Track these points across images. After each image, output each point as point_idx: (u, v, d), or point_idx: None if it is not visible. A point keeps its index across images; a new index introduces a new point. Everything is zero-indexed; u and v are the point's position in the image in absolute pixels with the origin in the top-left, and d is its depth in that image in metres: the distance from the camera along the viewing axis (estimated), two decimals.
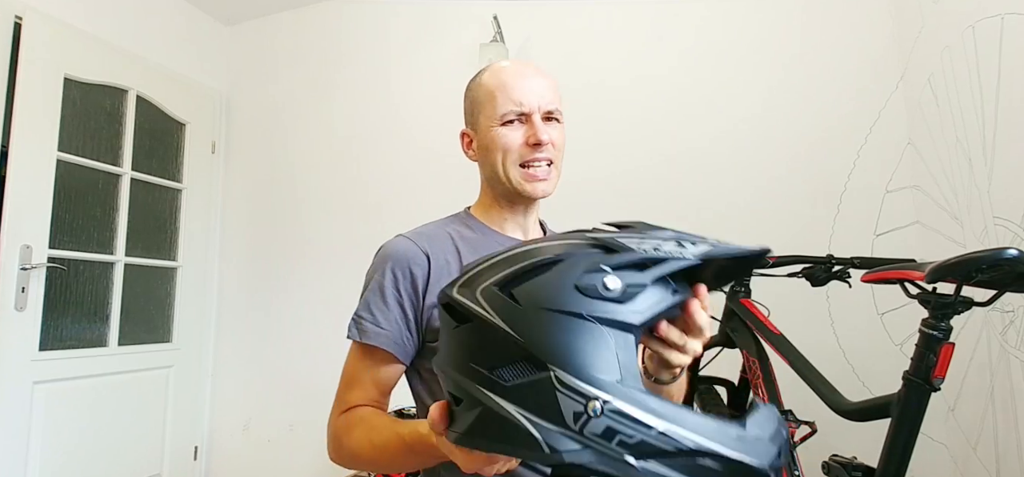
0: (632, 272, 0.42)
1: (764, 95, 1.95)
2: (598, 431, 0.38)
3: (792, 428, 1.19)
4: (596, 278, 0.42)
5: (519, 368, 0.40)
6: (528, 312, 0.41)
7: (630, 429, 0.38)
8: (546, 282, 0.42)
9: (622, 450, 0.37)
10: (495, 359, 0.42)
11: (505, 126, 0.86)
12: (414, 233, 0.87)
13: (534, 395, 0.39)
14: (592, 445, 0.38)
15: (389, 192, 2.51)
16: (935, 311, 0.91)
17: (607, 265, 0.42)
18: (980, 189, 1.33)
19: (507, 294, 0.43)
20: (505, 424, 0.40)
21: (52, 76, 2.14)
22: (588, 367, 0.39)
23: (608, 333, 0.40)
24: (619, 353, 0.40)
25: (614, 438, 0.38)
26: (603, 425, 0.38)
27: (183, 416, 2.59)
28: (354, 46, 2.68)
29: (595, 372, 0.39)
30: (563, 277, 0.42)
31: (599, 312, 0.41)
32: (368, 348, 0.81)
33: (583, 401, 0.38)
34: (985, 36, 1.28)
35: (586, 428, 0.38)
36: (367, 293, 0.83)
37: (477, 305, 0.43)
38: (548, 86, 0.88)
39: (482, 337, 0.43)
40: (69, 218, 2.21)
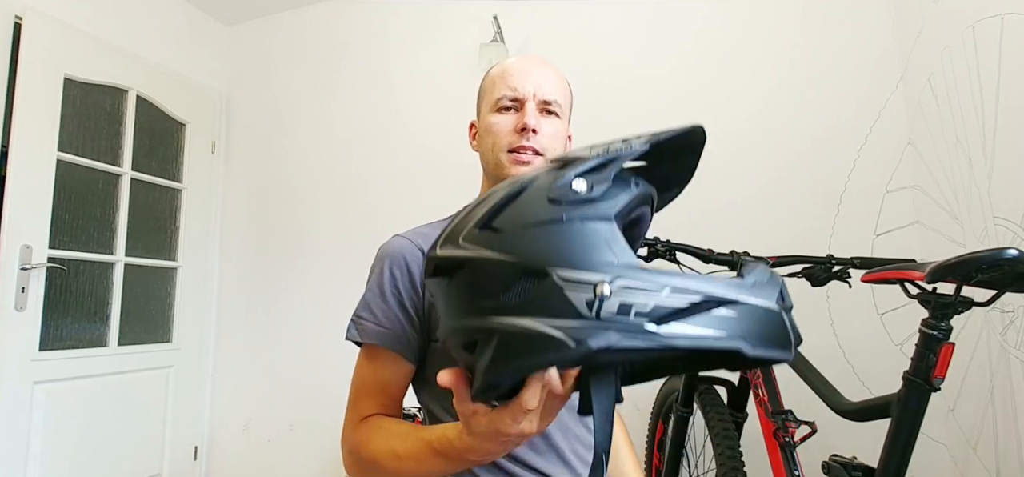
0: (592, 174, 0.44)
1: (764, 95, 1.95)
2: (613, 309, 0.38)
3: (792, 428, 1.19)
4: (563, 186, 0.43)
5: (521, 286, 0.41)
6: (513, 234, 0.43)
7: (642, 297, 0.38)
8: (520, 205, 0.44)
9: (641, 319, 0.38)
10: (495, 288, 0.42)
11: (499, 112, 0.85)
12: (411, 233, 0.87)
13: (543, 301, 0.40)
14: (612, 324, 0.38)
15: (389, 192, 2.51)
16: (935, 311, 0.91)
17: (567, 173, 0.44)
18: (980, 189, 1.33)
19: (488, 229, 0.44)
20: (525, 339, 0.40)
21: (52, 76, 2.14)
22: (585, 257, 0.40)
23: (591, 225, 0.42)
24: (608, 241, 0.41)
25: (630, 311, 0.38)
26: (616, 303, 0.38)
27: (183, 416, 2.59)
28: (354, 46, 2.68)
29: (593, 259, 0.40)
30: (534, 195, 0.44)
31: (577, 212, 0.42)
32: (373, 350, 0.80)
33: (590, 287, 0.39)
34: (985, 36, 1.28)
35: (602, 311, 0.38)
36: (366, 293, 0.83)
37: (463, 250, 0.45)
38: (550, 78, 0.86)
39: (476, 275, 0.44)
40: (69, 218, 2.21)
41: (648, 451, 1.71)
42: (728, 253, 1.38)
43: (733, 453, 1.26)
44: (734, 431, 1.33)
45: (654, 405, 1.69)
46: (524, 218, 0.43)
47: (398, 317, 0.79)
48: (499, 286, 0.42)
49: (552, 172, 0.45)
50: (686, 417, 1.48)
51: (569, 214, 0.42)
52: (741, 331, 0.39)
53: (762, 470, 1.26)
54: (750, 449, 1.31)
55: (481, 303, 0.43)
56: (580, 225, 0.42)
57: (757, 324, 0.40)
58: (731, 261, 1.37)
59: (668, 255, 1.38)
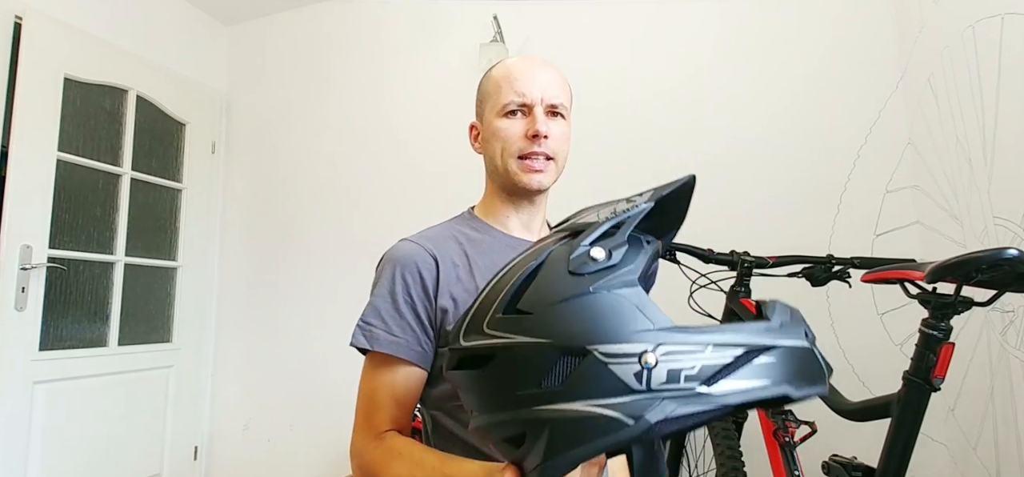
0: (607, 239, 0.44)
1: (764, 96, 1.95)
2: (662, 378, 0.37)
3: (792, 428, 1.19)
4: (582, 256, 0.42)
5: (561, 368, 0.39)
6: (542, 315, 0.41)
7: (688, 360, 0.37)
8: (542, 283, 0.43)
9: (692, 383, 0.37)
10: (535, 375, 0.40)
11: (507, 117, 0.84)
12: (419, 236, 0.85)
13: (589, 381, 0.38)
14: (665, 393, 0.37)
15: (390, 192, 2.51)
16: (935, 311, 0.91)
17: (583, 242, 0.43)
18: (980, 189, 1.33)
19: (515, 312, 0.42)
20: (579, 424, 0.38)
21: (52, 76, 2.14)
22: (622, 328, 0.39)
23: (619, 293, 0.41)
24: (639, 306, 0.40)
25: (679, 376, 0.37)
26: (664, 370, 0.37)
27: (183, 416, 2.59)
28: (354, 46, 2.68)
29: (631, 329, 0.39)
30: (555, 272, 0.43)
31: (601, 282, 0.41)
32: (385, 359, 0.78)
33: (635, 358, 0.38)
34: (985, 36, 1.28)
35: (651, 381, 0.37)
36: (376, 299, 0.80)
37: (491, 339, 0.42)
38: (555, 80, 0.86)
39: (512, 364, 0.42)
40: (69, 218, 2.21)
41: None
42: (728, 253, 1.38)
43: (733, 453, 1.26)
44: (734, 431, 1.33)
45: None
46: (550, 296, 0.41)
47: (412, 326, 0.78)
48: (538, 372, 0.40)
49: (565, 243, 0.44)
50: None
51: (595, 285, 0.41)
52: (784, 375, 0.39)
53: (762, 470, 1.26)
54: (750, 449, 1.31)
55: (522, 393, 0.41)
56: (608, 295, 0.40)
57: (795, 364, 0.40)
58: (731, 261, 1.38)
59: (668, 255, 1.38)
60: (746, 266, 1.37)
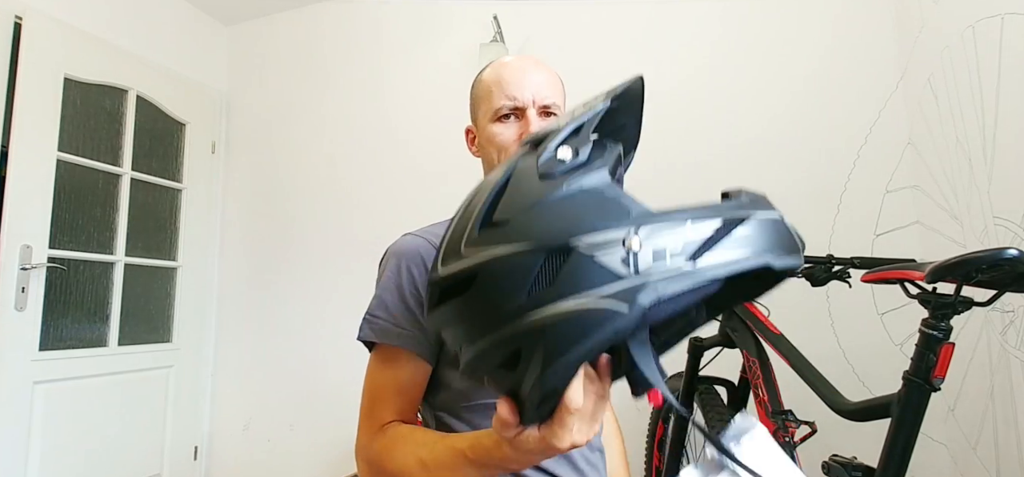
0: (571, 140, 0.42)
1: (764, 96, 1.95)
2: (649, 260, 0.36)
3: (792, 428, 1.19)
4: (549, 159, 0.41)
5: (547, 269, 0.38)
6: (519, 221, 0.39)
7: (671, 238, 0.37)
8: (513, 193, 0.41)
9: (677, 260, 0.36)
10: (521, 282, 0.38)
11: (500, 121, 0.84)
12: (423, 231, 0.85)
13: (578, 276, 0.37)
14: (652, 275, 0.36)
15: (390, 191, 2.51)
16: (935, 311, 0.91)
17: (548, 144, 0.42)
18: (980, 189, 1.33)
19: (490, 226, 0.41)
20: (573, 322, 0.37)
21: (52, 76, 2.14)
22: (602, 217, 0.38)
23: (593, 186, 0.40)
24: (615, 196, 0.39)
25: (665, 256, 0.36)
26: (649, 252, 0.36)
27: (183, 416, 2.59)
28: (354, 46, 2.69)
29: (611, 217, 0.38)
30: (525, 179, 0.41)
31: (574, 181, 0.40)
32: (390, 352, 0.77)
33: (619, 244, 0.37)
34: (985, 36, 1.28)
35: (639, 265, 0.36)
36: (381, 292, 0.80)
37: (470, 258, 0.40)
38: (547, 80, 0.85)
39: (495, 278, 0.39)
40: (69, 218, 2.21)
41: (648, 451, 1.71)
42: None
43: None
44: None
45: None
46: (524, 201, 0.40)
47: (417, 317, 0.77)
48: (524, 279, 0.38)
49: (529, 153, 0.43)
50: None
51: (567, 185, 0.40)
52: (763, 245, 0.38)
53: None
54: None
55: (510, 306, 0.38)
56: (582, 189, 0.39)
57: (772, 235, 0.40)
58: None
59: None
60: None
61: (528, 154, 0.43)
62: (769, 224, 0.40)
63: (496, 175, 0.43)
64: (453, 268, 0.41)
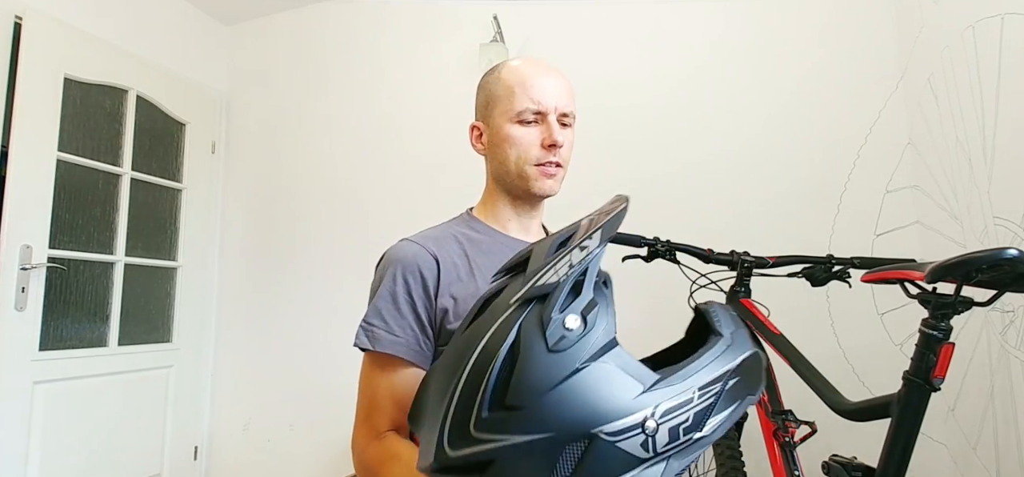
0: (574, 301, 0.42)
1: (764, 96, 1.95)
2: (666, 440, 0.38)
3: (792, 428, 1.19)
4: (557, 330, 0.40)
5: (568, 457, 0.38)
6: (534, 407, 0.39)
7: (683, 414, 0.39)
8: (524, 371, 0.40)
9: (691, 433, 0.39)
10: (543, 470, 0.38)
11: (521, 124, 0.86)
12: (420, 236, 0.86)
13: (600, 465, 0.38)
14: (672, 452, 0.38)
15: (389, 191, 2.51)
16: (935, 311, 0.91)
17: (553, 313, 0.41)
18: (980, 189, 1.33)
19: (504, 409, 0.39)
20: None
21: (52, 76, 2.14)
22: (619, 401, 0.38)
23: (603, 362, 0.40)
24: (625, 368, 0.40)
25: (679, 432, 0.39)
26: (665, 432, 0.38)
27: (183, 416, 2.59)
28: (354, 46, 2.68)
29: (627, 399, 0.39)
30: (534, 354, 0.40)
31: (585, 353, 0.39)
32: (385, 358, 0.78)
33: (638, 430, 0.38)
34: (985, 36, 1.28)
35: (657, 446, 0.38)
36: (377, 300, 0.81)
37: (485, 443, 0.39)
38: (565, 88, 0.88)
39: (515, 465, 0.39)
40: (69, 218, 2.21)
41: None
42: (728, 253, 1.38)
43: (733, 453, 1.26)
44: (734, 431, 1.33)
45: None
46: (538, 384, 0.39)
47: (412, 327, 0.79)
48: (546, 468, 0.38)
49: (530, 316, 0.41)
50: None
51: (579, 359, 0.39)
52: (747, 389, 0.42)
53: (762, 470, 1.26)
54: (750, 449, 1.31)
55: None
56: (595, 368, 0.39)
57: (751, 374, 0.43)
58: (731, 261, 1.37)
59: (668, 255, 1.38)
60: (746, 266, 1.37)
61: (528, 315, 0.42)
62: (748, 364, 0.43)
63: (493, 339, 0.41)
64: (465, 452, 0.40)
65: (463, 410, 0.41)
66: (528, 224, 0.93)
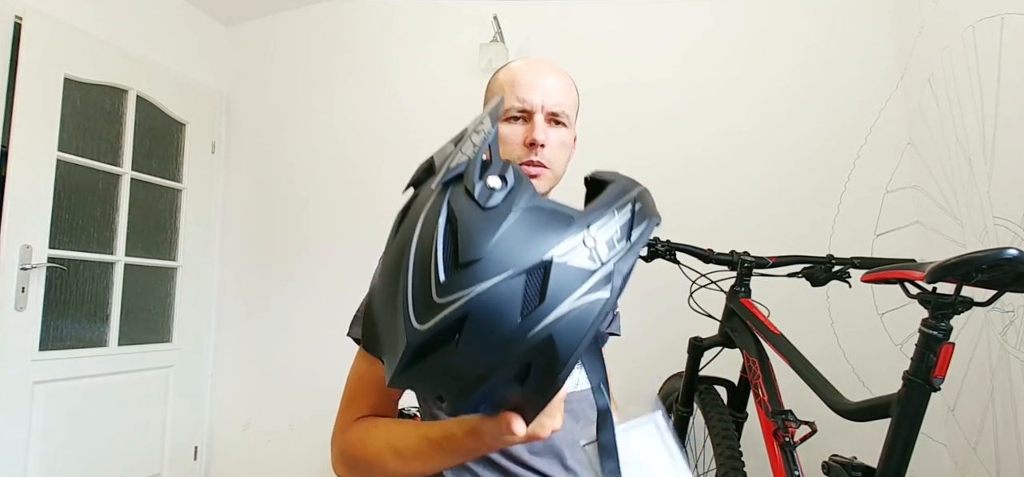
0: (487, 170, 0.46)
1: (764, 95, 1.95)
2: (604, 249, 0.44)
3: (792, 428, 1.19)
4: (484, 191, 0.44)
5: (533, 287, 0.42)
6: (491, 254, 0.42)
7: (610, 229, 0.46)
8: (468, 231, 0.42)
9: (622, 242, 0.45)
10: (515, 306, 0.41)
11: (508, 122, 0.85)
12: None
13: (565, 283, 0.42)
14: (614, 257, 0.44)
15: (389, 192, 2.50)
16: (935, 311, 0.91)
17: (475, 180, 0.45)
18: (980, 189, 1.33)
19: (462, 267, 0.42)
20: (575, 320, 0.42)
21: (52, 76, 2.14)
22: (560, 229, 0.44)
23: (536, 207, 0.44)
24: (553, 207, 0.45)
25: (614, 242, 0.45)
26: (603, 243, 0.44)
27: (183, 416, 2.59)
28: (354, 46, 2.68)
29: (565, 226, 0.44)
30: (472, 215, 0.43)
31: (515, 201, 0.44)
32: None
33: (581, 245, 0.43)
34: (985, 36, 1.28)
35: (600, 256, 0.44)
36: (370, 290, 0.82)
37: (453, 303, 0.41)
38: (558, 87, 0.86)
39: (489, 310, 0.41)
40: (69, 218, 2.21)
41: None
42: (728, 253, 1.38)
43: (733, 453, 1.26)
44: (734, 431, 1.33)
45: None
46: (485, 235, 0.42)
47: None
48: (516, 303, 0.41)
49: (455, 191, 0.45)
50: (686, 417, 1.48)
51: (515, 206, 0.44)
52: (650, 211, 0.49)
53: (762, 470, 1.26)
54: (750, 449, 1.31)
55: (509, 330, 0.41)
56: (529, 210, 0.44)
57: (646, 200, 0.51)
58: (731, 261, 1.37)
59: (668, 255, 1.38)
60: (746, 266, 1.37)
61: (453, 191, 0.45)
62: (644, 195, 0.50)
63: (428, 225, 0.44)
64: (436, 319, 0.41)
65: (421, 285, 0.42)
66: None
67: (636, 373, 1.70)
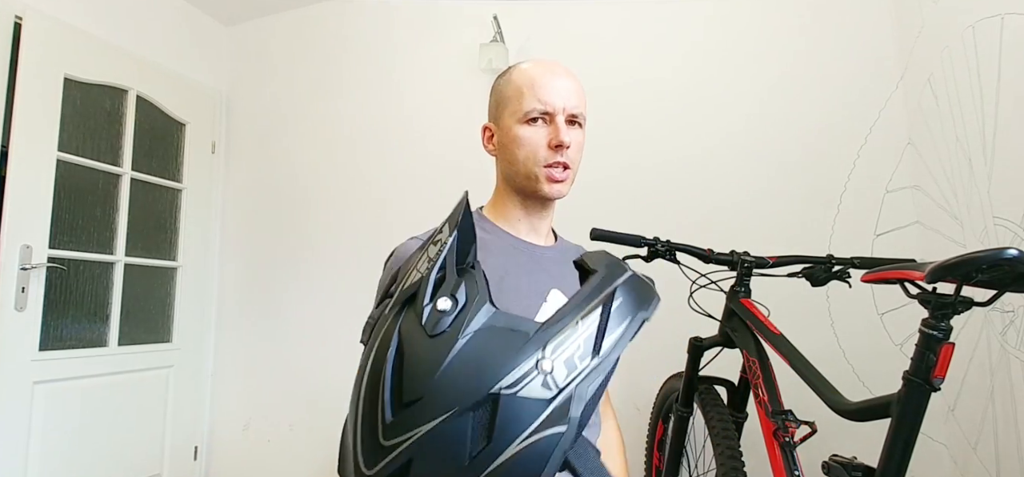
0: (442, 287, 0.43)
1: (764, 95, 1.95)
2: (564, 372, 0.39)
3: (792, 428, 1.19)
4: (431, 316, 0.41)
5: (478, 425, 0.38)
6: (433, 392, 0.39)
7: (572, 345, 0.40)
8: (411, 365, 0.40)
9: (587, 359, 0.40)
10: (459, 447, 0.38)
11: (529, 124, 0.86)
12: (426, 234, 0.87)
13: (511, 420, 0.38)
14: (574, 381, 0.39)
15: (389, 192, 2.51)
16: (935, 311, 0.91)
17: (424, 303, 0.42)
18: (980, 189, 1.33)
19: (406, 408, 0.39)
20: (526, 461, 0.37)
21: (52, 76, 2.14)
22: (506, 356, 0.39)
23: (483, 328, 0.40)
24: (506, 324, 0.41)
25: (574, 361, 0.39)
26: (561, 365, 0.39)
27: (183, 416, 2.59)
28: (354, 46, 2.68)
29: (512, 352, 0.39)
30: (417, 346, 0.40)
31: (464, 326, 0.40)
32: None
33: (534, 371, 0.38)
34: (985, 36, 1.28)
35: (557, 380, 0.38)
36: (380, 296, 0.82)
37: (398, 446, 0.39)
38: (574, 89, 0.88)
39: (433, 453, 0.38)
40: (69, 218, 2.21)
41: (648, 451, 1.71)
42: (728, 253, 1.38)
43: (733, 453, 1.26)
44: (734, 431, 1.33)
45: (654, 405, 1.69)
46: (428, 369, 0.39)
47: None
48: (462, 444, 0.38)
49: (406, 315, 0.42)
50: (686, 417, 1.48)
51: (461, 332, 0.40)
52: (636, 305, 0.43)
53: (762, 470, 1.26)
54: (750, 449, 1.31)
55: (460, 473, 0.38)
56: (478, 334, 0.40)
57: (635, 293, 0.44)
58: (731, 261, 1.37)
59: (668, 255, 1.38)
60: (746, 266, 1.36)
61: (404, 320, 0.43)
62: (629, 285, 0.44)
63: (379, 354, 0.42)
64: (382, 464, 0.39)
65: (369, 426, 0.41)
66: (538, 225, 0.93)
67: (636, 373, 1.70)
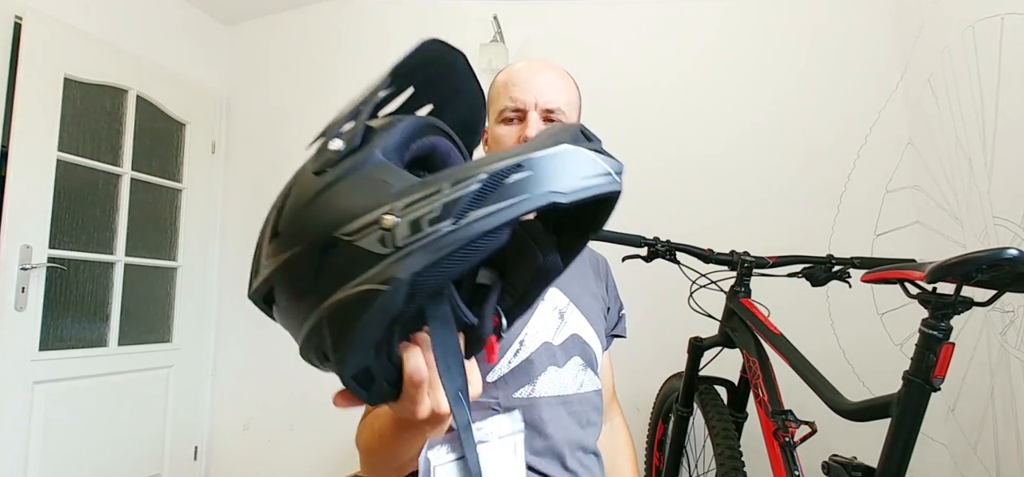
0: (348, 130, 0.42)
1: (764, 96, 1.95)
2: (406, 233, 0.35)
3: (792, 428, 1.19)
4: (322, 153, 0.41)
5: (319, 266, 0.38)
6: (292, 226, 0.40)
7: (427, 206, 0.35)
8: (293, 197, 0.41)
9: (437, 225, 0.35)
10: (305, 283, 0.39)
11: (503, 123, 0.85)
12: None
13: (343, 266, 0.37)
14: (412, 245, 0.35)
15: None
16: (935, 311, 0.91)
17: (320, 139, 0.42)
18: (980, 189, 1.33)
19: (276, 237, 0.41)
20: (345, 310, 0.37)
21: (52, 76, 2.14)
22: (361, 203, 0.37)
23: (361, 173, 0.39)
24: (381, 178, 0.39)
25: (421, 224, 0.35)
26: (406, 226, 0.35)
27: (183, 416, 2.59)
28: (354, 46, 2.68)
29: (370, 200, 0.37)
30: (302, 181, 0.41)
31: (342, 169, 0.40)
32: None
33: (375, 226, 0.36)
34: (985, 36, 1.28)
35: (396, 241, 0.35)
36: None
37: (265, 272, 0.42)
38: (554, 83, 0.85)
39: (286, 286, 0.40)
40: (69, 218, 2.21)
41: (648, 451, 1.71)
42: (728, 253, 1.38)
43: (733, 453, 1.26)
44: (734, 431, 1.33)
45: (654, 405, 1.69)
46: (299, 204, 0.40)
47: None
48: (307, 279, 0.39)
49: (312, 148, 0.43)
50: (686, 417, 1.48)
51: (335, 174, 0.40)
52: (546, 183, 0.36)
53: (762, 470, 1.26)
54: (750, 449, 1.31)
55: (303, 307, 0.40)
56: (348, 178, 0.39)
57: (561, 168, 0.36)
58: (731, 261, 1.37)
59: (668, 255, 1.38)
60: (746, 266, 1.36)
61: (312, 151, 0.43)
62: (556, 159, 0.36)
63: (283, 187, 0.44)
64: (256, 283, 0.43)
65: (258, 248, 0.43)
66: None
67: (636, 373, 1.70)
